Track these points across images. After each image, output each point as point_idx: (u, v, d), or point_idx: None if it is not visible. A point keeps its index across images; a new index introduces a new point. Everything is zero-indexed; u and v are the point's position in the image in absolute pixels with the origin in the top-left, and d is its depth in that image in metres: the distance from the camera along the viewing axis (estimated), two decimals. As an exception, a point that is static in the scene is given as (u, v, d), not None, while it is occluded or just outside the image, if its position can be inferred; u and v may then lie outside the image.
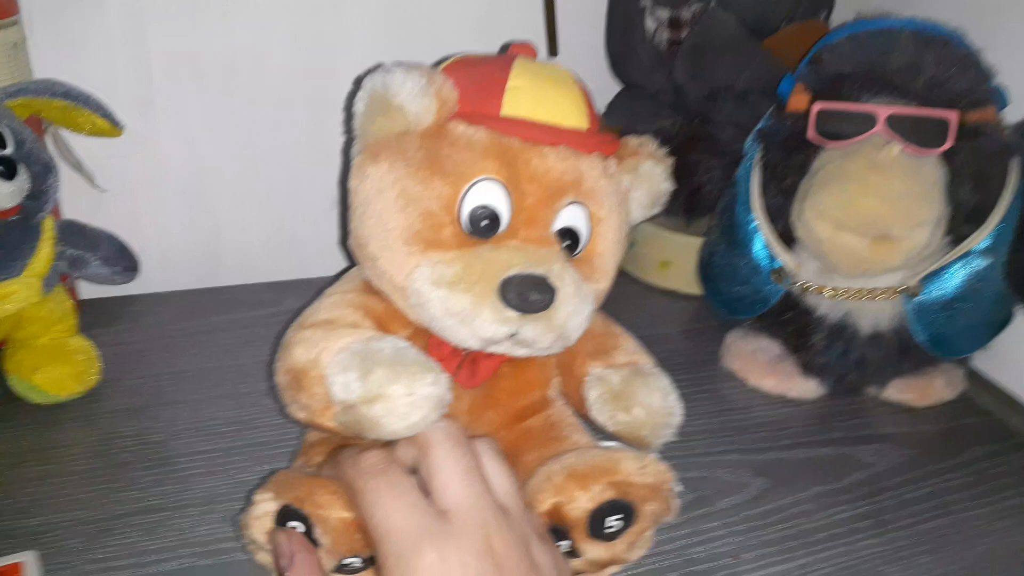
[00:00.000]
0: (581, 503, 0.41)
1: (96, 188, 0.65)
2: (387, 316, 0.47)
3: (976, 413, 0.63)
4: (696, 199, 0.70)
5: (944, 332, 0.58)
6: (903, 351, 0.60)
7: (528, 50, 0.49)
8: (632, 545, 0.43)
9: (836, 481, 0.55)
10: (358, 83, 0.45)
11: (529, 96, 0.45)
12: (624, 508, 0.41)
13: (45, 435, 0.55)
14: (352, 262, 0.49)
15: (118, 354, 0.63)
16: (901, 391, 0.62)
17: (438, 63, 0.48)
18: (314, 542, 0.39)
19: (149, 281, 0.72)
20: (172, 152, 0.72)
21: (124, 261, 0.61)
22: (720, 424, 0.60)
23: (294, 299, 0.64)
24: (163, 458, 0.54)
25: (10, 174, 0.50)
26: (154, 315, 0.70)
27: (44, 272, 0.55)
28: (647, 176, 0.49)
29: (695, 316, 0.75)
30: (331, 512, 0.39)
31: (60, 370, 0.57)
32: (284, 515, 0.39)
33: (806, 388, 0.63)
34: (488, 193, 0.44)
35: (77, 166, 0.63)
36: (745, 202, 0.63)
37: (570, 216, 0.46)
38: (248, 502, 0.40)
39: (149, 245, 0.72)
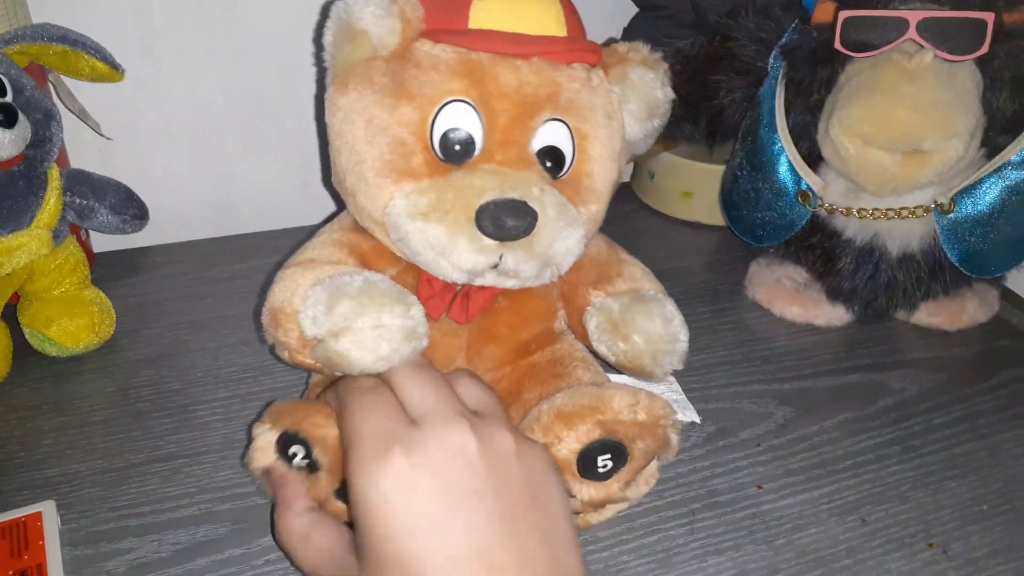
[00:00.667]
0: (568, 443, 0.39)
1: (102, 136, 0.64)
2: (374, 254, 0.46)
3: (1010, 335, 0.61)
4: (718, 122, 0.67)
5: (978, 250, 0.55)
6: (934, 272, 0.57)
7: None
8: (628, 484, 0.41)
9: (863, 408, 0.53)
10: (326, 12, 0.43)
11: (498, 6, 0.42)
12: (613, 447, 0.40)
13: (63, 387, 0.55)
14: (339, 202, 0.48)
15: (134, 305, 0.63)
16: (932, 315, 0.60)
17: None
18: (314, 463, 0.39)
19: (162, 231, 0.72)
20: (178, 98, 0.71)
21: (132, 209, 0.60)
22: (743, 355, 0.59)
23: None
24: (180, 406, 0.53)
25: (10, 122, 0.48)
26: (169, 266, 0.70)
27: (52, 223, 0.55)
28: (639, 84, 0.46)
29: (719, 247, 0.73)
30: (328, 431, 0.38)
31: (75, 322, 0.57)
32: (284, 441, 0.39)
33: (833, 315, 0.61)
34: (458, 115, 0.42)
35: (81, 113, 0.62)
36: (769, 122, 0.60)
37: (549, 134, 0.43)
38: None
39: (160, 195, 0.71)
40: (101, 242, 0.70)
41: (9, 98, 0.50)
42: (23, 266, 0.54)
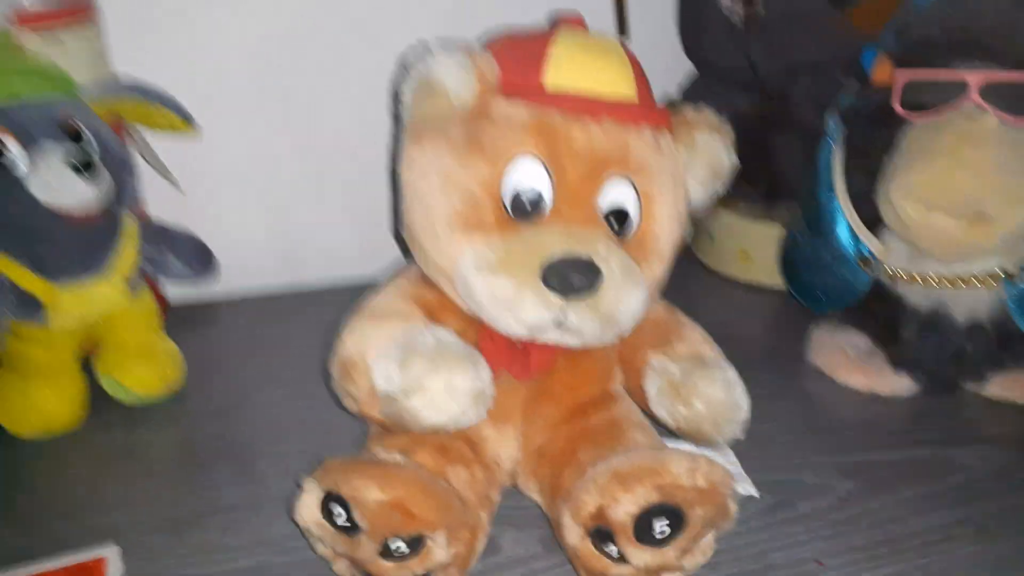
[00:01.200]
0: (625, 506, 0.39)
1: (178, 190, 0.67)
2: (439, 306, 0.47)
3: (1092, 411, 0.58)
4: (776, 184, 0.67)
5: (1052, 321, 0.53)
6: (1004, 343, 0.55)
7: (576, 21, 0.47)
8: (685, 552, 0.41)
9: (931, 485, 0.51)
10: (404, 66, 0.45)
11: (571, 66, 0.43)
12: (671, 512, 0.39)
13: (133, 434, 0.57)
14: (407, 252, 0.49)
15: (202, 357, 0.65)
16: (1003, 387, 0.58)
17: (482, 40, 0.47)
18: (355, 525, 0.39)
19: (231, 282, 0.75)
20: (249, 151, 0.74)
21: (202, 259, 0.63)
22: (804, 424, 0.57)
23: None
24: (242, 458, 0.55)
25: (92, 175, 0.50)
26: (236, 318, 0.72)
27: (128, 272, 0.57)
28: (705, 149, 0.47)
29: (778, 310, 0.72)
30: (368, 494, 0.38)
31: (147, 371, 0.59)
32: (328, 501, 0.39)
33: (898, 385, 0.59)
34: (528, 172, 0.43)
35: (159, 166, 0.65)
36: (827, 184, 0.59)
37: (616, 193, 0.44)
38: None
39: (230, 246, 0.74)
40: (173, 292, 0.73)
41: (92, 151, 0.53)
42: (100, 314, 0.56)
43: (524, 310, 0.42)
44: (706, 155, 0.48)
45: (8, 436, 0.55)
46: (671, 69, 0.80)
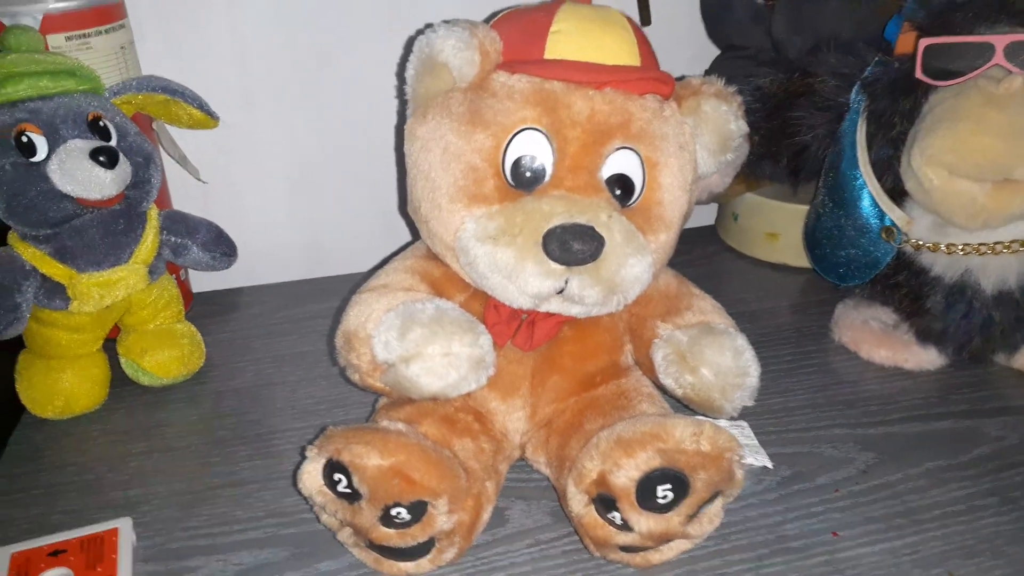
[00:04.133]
0: (627, 471, 0.38)
1: (200, 181, 0.68)
2: (444, 280, 0.47)
3: None
4: (800, 160, 0.65)
5: (1085, 287, 0.51)
6: (1035, 311, 0.53)
7: None
8: (691, 519, 0.40)
9: (956, 456, 0.50)
10: (409, 47, 0.45)
11: (573, 37, 0.43)
12: (674, 477, 0.38)
13: (152, 414, 0.58)
14: (416, 233, 0.49)
15: (224, 341, 0.66)
16: (1036, 358, 0.56)
17: (488, 18, 0.47)
18: (356, 492, 0.39)
19: (255, 272, 0.76)
20: (274, 145, 0.75)
21: (222, 247, 0.63)
22: (826, 398, 0.56)
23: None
24: (258, 435, 0.55)
25: (112, 164, 0.52)
26: (259, 305, 0.73)
27: (149, 259, 0.58)
28: (712, 116, 0.46)
29: (805, 288, 0.71)
30: (368, 460, 0.38)
31: (167, 354, 0.60)
32: (330, 468, 0.39)
33: (924, 358, 0.57)
34: (530, 142, 0.43)
35: (181, 159, 0.67)
36: (851, 158, 0.58)
37: (620, 162, 0.43)
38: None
39: (254, 237, 0.75)
40: (198, 283, 0.74)
41: (114, 142, 0.54)
42: (122, 299, 0.57)
43: (526, 279, 0.41)
44: (713, 123, 0.47)
45: (32, 417, 0.57)
46: (697, 56, 0.79)
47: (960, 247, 0.53)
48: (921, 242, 0.54)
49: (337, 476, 0.40)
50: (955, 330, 0.55)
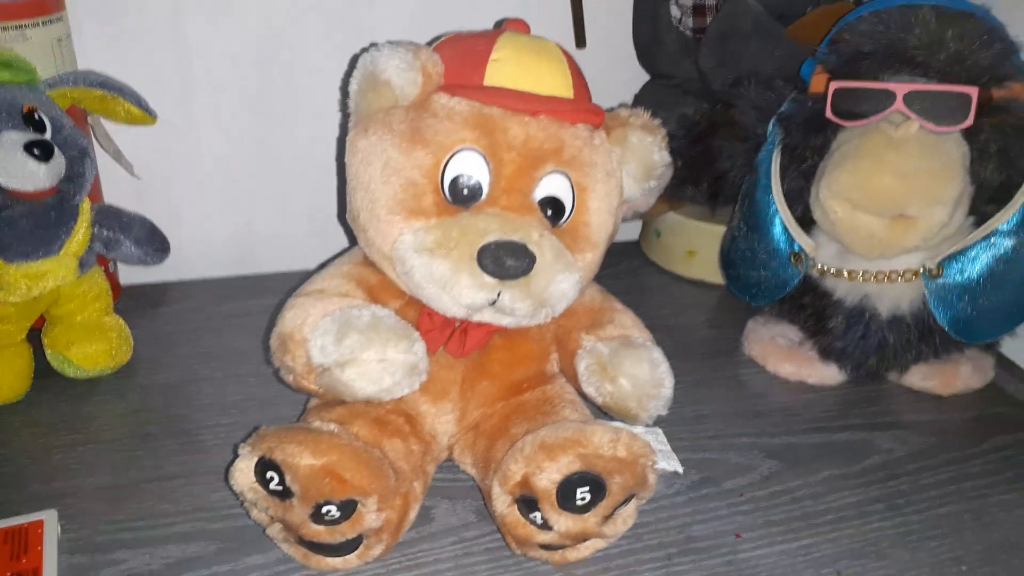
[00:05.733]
0: (549, 474, 0.41)
1: (133, 176, 0.68)
2: (380, 287, 0.48)
3: (1005, 402, 0.61)
4: (720, 186, 0.69)
5: (967, 316, 0.56)
6: (924, 335, 0.58)
7: (520, 25, 0.50)
8: (607, 520, 0.43)
9: (850, 465, 0.54)
10: (353, 63, 0.47)
11: (511, 67, 0.46)
12: (592, 481, 0.41)
13: (77, 407, 0.58)
14: (352, 239, 0.50)
15: (153, 336, 0.66)
16: (925, 378, 0.61)
17: (431, 41, 0.49)
18: (288, 490, 0.40)
19: (187, 268, 0.75)
20: (209, 143, 0.75)
21: (155, 243, 0.63)
22: (736, 409, 0.60)
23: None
24: (185, 430, 0.56)
25: (46, 157, 0.52)
26: (189, 300, 0.73)
27: (80, 252, 0.58)
28: (638, 147, 0.49)
29: (720, 305, 0.75)
30: (300, 459, 0.40)
31: (94, 346, 0.60)
32: (262, 466, 0.41)
33: (825, 374, 0.62)
34: (468, 162, 0.45)
35: (116, 154, 0.66)
36: (765, 186, 0.62)
37: (552, 185, 0.46)
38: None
39: (187, 233, 0.75)
40: (129, 275, 0.74)
41: (48, 135, 0.54)
42: (49, 291, 0.57)
43: (460, 291, 0.43)
44: (639, 152, 0.50)
45: (-47, 406, 0.56)
46: (628, 80, 0.82)
47: (860, 274, 0.57)
48: (826, 268, 0.59)
49: (269, 474, 0.41)
50: (853, 349, 0.60)
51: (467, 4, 0.76)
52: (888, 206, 0.53)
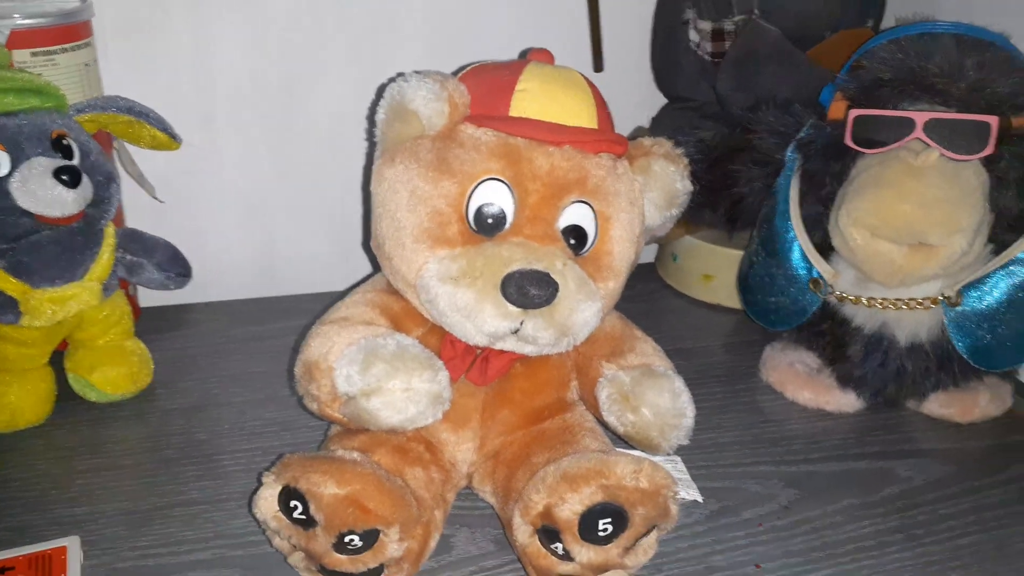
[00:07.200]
0: (571, 505, 0.41)
1: (156, 200, 0.69)
2: (403, 315, 0.49)
3: (1024, 430, 0.60)
4: (737, 210, 0.69)
5: (986, 344, 0.56)
6: (943, 363, 0.58)
7: (545, 55, 0.50)
8: (628, 551, 0.43)
9: (869, 495, 0.54)
10: (380, 92, 0.47)
11: (537, 97, 0.46)
12: (615, 512, 0.41)
13: (99, 431, 0.58)
14: (376, 265, 0.51)
15: (173, 358, 0.67)
16: (943, 406, 0.60)
17: (457, 71, 0.50)
18: (312, 519, 0.40)
19: (208, 290, 0.76)
20: (232, 167, 0.76)
21: (177, 267, 0.64)
22: (753, 436, 0.60)
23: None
24: (206, 455, 0.56)
25: (74, 183, 0.53)
26: (209, 323, 0.73)
27: (104, 276, 0.59)
28: (660, 176, 0.50)
29: (737, 329, 0.75)
30: (324, 489, 0.40)
31: (115, 370, 0.60)
32: (286, 495, 0.41)
33: (843, 401, 0.62)
34: (493, 192, 0.45)
35: (139, 178, 0.67)
36: (784, 212, 0.62)
37: (575, 214, 0.47)
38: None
39: (208, 256, 0.75)
40: (148, 297, 0.74)
41: (76, 161, 0.55)
42: (73, 315, 0.58)
43: (483, 319, 0.44)
44: (661, 181, 0.50)
45: (-24, 431, 0.56)
46: (645, 102, 0.83)
47: (879, 301, 0.57)
48: (845, 294, 0.59)
49: (293, 503, 0.41)
50: (872, 377, 0.60)
51: (486, 28, 0.77)
52: (908, 234, 0.53)
